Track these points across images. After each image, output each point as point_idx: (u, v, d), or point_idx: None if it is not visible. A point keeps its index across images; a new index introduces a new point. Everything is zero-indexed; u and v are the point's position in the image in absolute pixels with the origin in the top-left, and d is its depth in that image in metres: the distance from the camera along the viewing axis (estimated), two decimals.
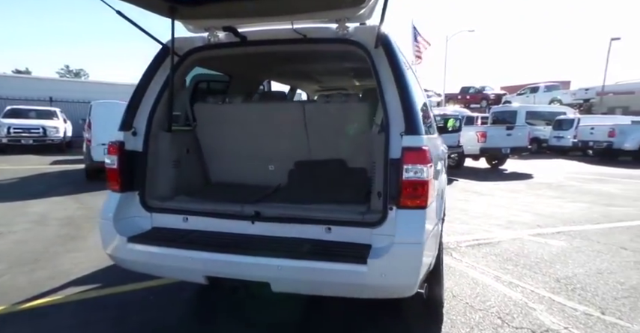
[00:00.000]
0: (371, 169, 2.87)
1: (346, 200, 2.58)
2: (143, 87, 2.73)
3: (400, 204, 2.08)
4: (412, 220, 2.06)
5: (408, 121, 2.13)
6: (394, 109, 2.20)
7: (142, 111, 2.73)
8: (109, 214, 2.60)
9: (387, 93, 2.25)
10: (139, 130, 2.72)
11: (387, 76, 2.27)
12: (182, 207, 2.70)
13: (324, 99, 2.89)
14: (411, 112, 2.14)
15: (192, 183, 3.19)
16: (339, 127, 2.85)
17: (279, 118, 3.01)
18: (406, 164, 2.06)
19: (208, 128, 3.21)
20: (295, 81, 5.35)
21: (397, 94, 2.20)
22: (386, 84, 2.27)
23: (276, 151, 3.14)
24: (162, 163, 2.89)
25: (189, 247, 2.36)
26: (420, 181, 2.05)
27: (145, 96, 2.74)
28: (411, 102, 2.17)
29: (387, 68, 2.27)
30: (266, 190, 3.02)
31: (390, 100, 2.22)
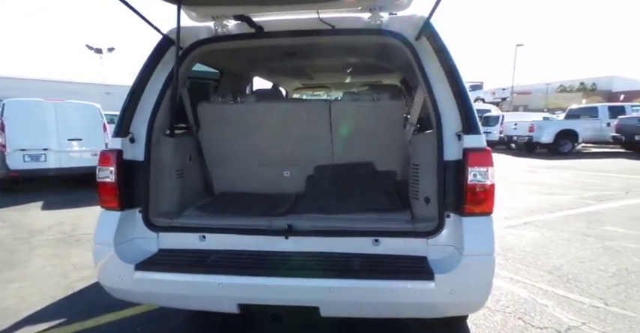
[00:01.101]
0: (402, 172, 2.74)
1: (383, 207, 2.42)
2: (141, 85, 2.31)
3: (465, 211, 1.96)
4: (480, 228, 1.95)
5: (468, 119, 1.99)
6: (447, 106, 2.06)
7: (141, 113, 2.31)
8: (107, 238, 2.17)
9: (437, 89, 2.09)
10: (138, 135, 2.29)
11: (436, 71, 2.11)
12: (197, 224, 2.34)
13: (352, 96, 2.69)
14: (469, 110, 2.01)
15: (198, 195, 2.80)
16: (368, 127, 2.67)
17: (300, 118, 2.74)
18: (471, 167, 1.94)
19: (214, 131, 2.84)
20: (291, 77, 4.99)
21: (450, 91, 2.06)
22: (435, 80, 2.11)
23: (293, 155, 2.87)
24: (166, 173, 2.48)
25: (218, 271, 2.03)
26: (486, 184, 1.95)
27: (144, 96, 2.31)
28: (468, 99, 2.04)
29: (434, 62, 2.12)
30: (285, 199, 2.74)
31: (442, 97, 2.08)
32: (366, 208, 2.39)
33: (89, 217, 6.03)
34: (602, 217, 5.66)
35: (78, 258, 4.25)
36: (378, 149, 2.75)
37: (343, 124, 2.69)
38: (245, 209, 2.54)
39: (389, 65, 3.67)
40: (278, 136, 2.80)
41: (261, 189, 2.95)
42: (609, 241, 4.57)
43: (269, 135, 2.80)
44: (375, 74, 4.69)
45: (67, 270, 3.92)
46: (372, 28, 2.27)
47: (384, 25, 2.26)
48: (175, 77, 2.35)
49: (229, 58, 3.33)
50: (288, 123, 2.75)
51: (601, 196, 7.14)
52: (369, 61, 3.66)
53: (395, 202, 2.48)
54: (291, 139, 2.80)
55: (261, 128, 2.79)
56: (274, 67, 4.04)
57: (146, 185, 2.29)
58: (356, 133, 2.72)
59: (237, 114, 2.76)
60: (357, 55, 3.47)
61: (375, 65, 3.79)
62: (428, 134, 2.36)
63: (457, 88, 2.03)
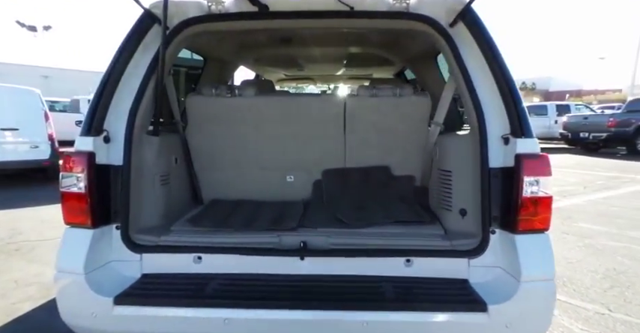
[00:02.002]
0: (422, 177, 2.46)
1: (408, 219, 2.13)
2: (118, 72, 1.85)
3: (518, 227, 1.70)
4: (538, 248, 1.71)
5: (520, 120, 1.72)
6: (490, 104, 1.79)
7: (118, 107, 1.86)
8: (74, 263, 1.72)
9: (479, 84, 1.82)
10: (115, 134, 1.83)
11: (477, 63, 1.83)
12: (190, 241, 1.93)
13: (370, 91, 2.34)
14: (520, 110, 1.73)
15: (185, 204, 2.35)
16: (386, 125, 2.36)
17: (309, 115, 2.37)
18: (527, 176, 1.68)
19: (205, 129, 2.39)
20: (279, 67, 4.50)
21: (495, 87, 1.78)
22: (476, 73, 1.83)
23: (298, 157, 2.49)
24: (149, 179, 2.04)
25: (222, 303, 1.66)
26: (544, 197, 1.71)
27: (122, 85, 1.85)
28: (519, 97, 1.77)
29: (475, 53, 1.83)
30: (291, 209, 2.37)
31: (484, 93, 1.80)
32: (391, 221, 2.09)
33: (30, 220, 5.24)
34: (572, 214, 5.82)
35: (20, 272, 3.59)
36: (396, 151, 2.46)
37: (359, 122, 2.36)
38: (247, 222, 2.14)
39: (396, 55, 3.36)
40: (281, 135, 2.41)
41: (260, 196, 2.56)
42: (588, 239, 4.66)
43: (270, 134, 2.41)
44: (371, 66, 4.38)
45: (7, 288, 3.27)
46: (398, 11, 1.95)
47: (411, 7, 1.95)
48: (161, 63, 1.90)
49: (219, 43, 2.86)
50: (294, 120, 2.37)
51: (564, 192, 7.41)
52: (373, 51, 3.34)
53: (420, 212, 2.21)
54: (297, 138, 2.43)
55: (262, 126, 2.39)
56: (264, 55, 3.59)
57: (126, 195, 1.84)
58: (372, 133, 2.40)
59: (234, 109, 2.33)
60: (366, 42, 3.13)
61: (374, 56, 3.48)
62: (462, 136, 2.10)
63: (505, 84, 1.75)
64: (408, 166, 2.48)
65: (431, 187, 2.38)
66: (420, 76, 3.20)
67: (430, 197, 2.38)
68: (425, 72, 3.07)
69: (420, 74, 3.18)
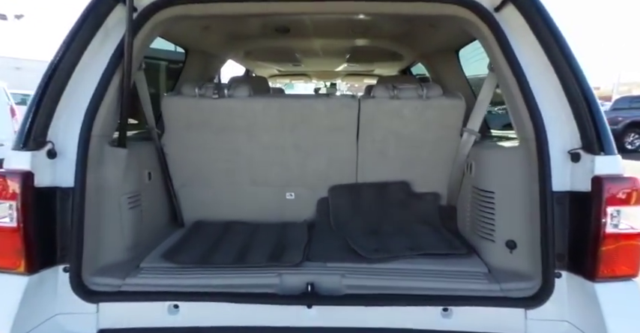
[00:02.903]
0: (449, 195, 2.07)
1: (438, 250, 1.74)
2: (68, 65, 1.41)
3: (597, 272, 1.29)
4: (625, 301, 1.31)
5: (598, 131, 1.31)
6: (553, 109, 1.39)
7: (68, 110, 1.43)
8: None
9: (537, 83, 1.42)
10: (64, 146, 1.41)
11: (533, 54, 1.43)
12: (163, 285, 1.52)
13: (390, 92, 1.90)
14: (598, 117, 1.32)
15: (160, 230, 1.91)
16: (409, 133, 1.95)
17: (315, 121, 1.94)
18: (611, 205, 1.28)
19: (186, 137, 1.95)
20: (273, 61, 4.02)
21: (559, 86, 1.38)
22: (532, 68, 1.43)
23: (300, 170, 2.06)
24: (113, 203, 1.61)
25: None
26: (631, 232, 1.31)
27: (73, 82, 1.41)
28: (595, 101, 1.35)
29: (530, 42, 1.43)
30: (293, 233, 1.95)
31: (545, 94, 1.40)
32: (418, 253, 1.69)
33: None
34: None
35: None
36: (419, 164, 2.04)
37: (376, 128, 1.94)
38: (238, 253, 1.71)
39: (409, 49, 2.92)
40: (279, 144, 1.98)
41: (254, 217, 2.12)
42: None
43: (267, 143, 1.97)
44: (376, 61, 3.94)
45: None
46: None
47: None
48: (128, 54, 1.47)
49: (202, 31, 2.41)
50: (296, 126, 1.94)
51: None
52: (381, 44, 2.91)
53: (453, 242, 1.81)
54: (299, 148, 1.99)
55: (256, 133, 1.95)
56: (256, 47, 3.12)
57: (78, 226, 1.40)
58: (391, 142, 1.98)
59: (222, 113, 1.89)
60: (375, 33, 2.69)
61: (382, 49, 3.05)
62: (510, 149, 1.70)
63: (576, 84, 1.34)
64: (433, 181, 2.07)
65: (461, 208, 1.98)
66: (435, 73, 2.79)
67: (460, 219, 1.99)
68: (443, 68, 2.66)
69: (436, 71, 2.77)
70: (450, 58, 2.61)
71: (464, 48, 2.52)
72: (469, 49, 2.65)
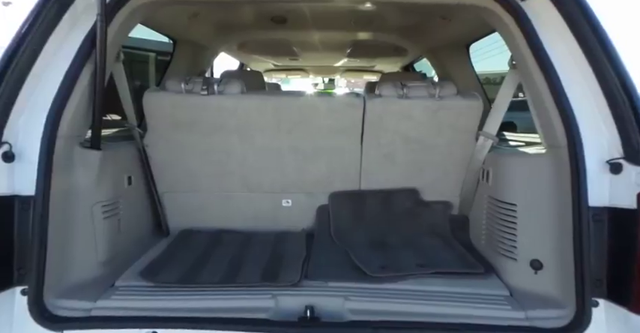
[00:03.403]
0: (461, 204, 1.88)
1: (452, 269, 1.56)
2: (29, 54, 1.22)
3: None
4: None
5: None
6: (589, 112, 1.21)
7: (30, 106, 1.23)
8: None
9: (570, 82, 1.23)
10: (23, 147, 1.22)
11: (564, 48, 1.24)
12: (141, 308, 1.33)
13: (398, 91, 1.70)
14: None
15: (141, 240, 1.73)
16: (419, 136, 1.76)
17: (315, 121, 1.75)
18: None
19: (172, 138, 1.75)
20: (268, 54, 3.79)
21: (597, 85, 1.19)
22: (563, 63, 1.24)
23: (298, 175, 1.87)
24: (83, 212, 1.42)
25: None
26: None
27: (34, 75, 1.22)
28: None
29: (561, 33, 1.25)
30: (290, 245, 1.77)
31: (578, 94, 1.22)
32: (430, 271, 1.51)
33: None
34: None
35: None
36: (429, 170, 1.85)
37: (382, 130, 1.75)
38: (228, 269, 1.53)
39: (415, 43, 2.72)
40: (275, 146, 1.78)
41: (247, 225, 1.94)
42: None
43: (261, 144, 1.78)
44: (378, 56, 3.70)
45: None
46: None
47: None
48: (100, 43, 1.28)
49: (191, 20, 2.20)
50: (294, 127, 1.74)
51: None
52: (385, 37, 2.70)
53: (467, 258, 1.62)
54: (297, 151, 1.80)
55: (250, 134, 1.76)
56: (251, 39, 2.90)
57: (40, 241, 1.20)
58: (399, 145, 1.79)
59: (212, 111, 1.69)
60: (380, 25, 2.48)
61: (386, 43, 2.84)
62: (535, 156, 1.52)
63: (617, 83, 1.15)
64: (443, 189, 1.88)
65: (474, 219, 1.80)
66: (443, 69, 2.59)
67: (473, 231, 1.81)
68: (452, 64, 2.46)
69: (443, 67, 2.57)
70: (460, 54, 2.42)
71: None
72: None
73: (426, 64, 3.89)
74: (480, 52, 2.57)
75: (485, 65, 5.24)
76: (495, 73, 4.78)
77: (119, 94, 1.71)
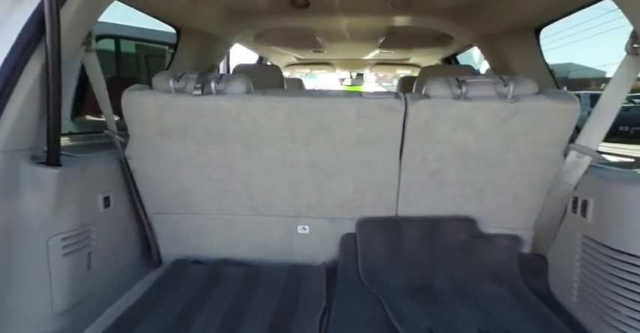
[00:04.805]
0: (539, 241, 1.42)
1: None
2: None
3: None
4: None
5: None
6: None
7: None
8: None
9: None
10: None
11: None
12: None
13: (453, 89, 1.25)
14: None
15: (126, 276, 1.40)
16: (478, 149, 1.31)
17: (341, 129, 1.32)
18: None
19: (159, 147, 1.39)
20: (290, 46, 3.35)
21: None
22: None
23: (318, 196, 1.46)
24: (32, 249, 1.08)
25: None
26: None
27: None
28: None
29: None
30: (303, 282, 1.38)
31: None
32: None
33: None
34: None
35: None
36: (492, 194, 1.39)
37: (428, 140, 1.31)
38: (222, 327, 1.15)
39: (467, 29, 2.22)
40: (289, 160, 1.38)
41: (254, 255, 1.56)
42: None
43: (271, 157, 1.38)
44: (416, 46, 3.18)
45: None
46: None
47: None
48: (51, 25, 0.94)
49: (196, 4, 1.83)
50: (313, 136, 1.33)
51: None
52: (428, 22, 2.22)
53: (550, 319, 1.18)
54: (316, 167, 1.39)
55: (256, 144, 1.36)
56: (269, 28, 2.47)
57: None
58: (451, 160, 1.34)
59: (208, 115, 1.30)
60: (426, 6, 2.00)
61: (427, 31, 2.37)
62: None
63: None
64: (511, 219, 1.41)
65: (556, 262, 1.34)
66: (501, 61, 2.08)
67: (555, 279, 1.34)
68: (515, 55, 1.95)
69: (503, 58, 2.05)
70: (527, 41, 1.92)
71: None
72: None
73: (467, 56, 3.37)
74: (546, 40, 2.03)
75: None
76: None
77: (95, 94, 1.36)
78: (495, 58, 2.17)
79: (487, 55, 2.28)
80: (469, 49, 3.08)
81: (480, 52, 2.42)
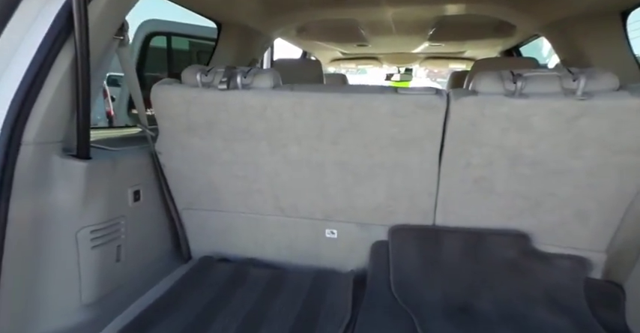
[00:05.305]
0: (611, 266, 1.22)
1: None
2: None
3: None
4: None
5: None
6: None
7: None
8: None
9: None
10: None
11: None
12: None
13: (505, 83, 1.07)
14: None
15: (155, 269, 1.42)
16: (537, 155, 1.13)
17: (373, 127, 1.21)
18: None
19: (188, 143, 1.38)
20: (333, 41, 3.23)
21: None
22: None
23: (347, 199, 1.37)
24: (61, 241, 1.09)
25: None
26: None
27: None
28: None
29: None
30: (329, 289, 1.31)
31: None
32: None
33: None
34: None
35: None
36: (552, 207, 1.20)
37: (475, 144, 1.16)
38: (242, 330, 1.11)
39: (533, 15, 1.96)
40: (316, 160, 1.30)
41: (279, 257, 1.51)
42: None
43: (297, 157, 1.31)
44: (471, 38, 2.93)
45: None
46: None
47: None
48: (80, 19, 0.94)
49: None
50: (342, 135, 1.23)
51: None
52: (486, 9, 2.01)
53: None
54: (345, 168, 1.29)
55: (282, 142, 1.30)
56: (310, 21, 2.39)
57: None
58: (502, 167, 1.18)
59: (233, 111, 1.25)
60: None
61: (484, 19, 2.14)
62: None
63: None
64: (575, 237, 1.20)
65: (634, 291, 1.13)
66: (577, 52, 1.78)
67: (632, 312, 1.13)
68: (594, 44, 1.66)
69: (579, 48, 1.75)
70: (609, 25, 1.64)
71: None
72: None
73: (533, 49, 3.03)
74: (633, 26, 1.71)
75: None
76: None
77: (128, 87, 1.38)
78: (567, 49, 1.87)
79: (556, 46, 1.99)
80: (535, 39, 2.76)
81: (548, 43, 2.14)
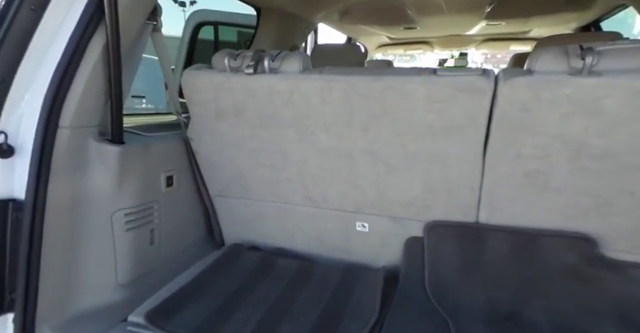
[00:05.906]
0: None
1: None
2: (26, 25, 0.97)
3: None
4: None
5: None
6: None
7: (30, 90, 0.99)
8: None
9: None
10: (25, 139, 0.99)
11: None
12: None
13: (568, 60, 0.91)
14: None
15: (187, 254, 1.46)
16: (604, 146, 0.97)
17: (407, 114, 1.10)
18: None
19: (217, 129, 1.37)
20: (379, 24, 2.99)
21: None
22: None
23: (379, 192, 1.29)
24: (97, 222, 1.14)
25: None
26: None
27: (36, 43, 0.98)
28: None
29: None
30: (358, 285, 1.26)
31: None
32: None
33: None
34: None
35: None
36: (625, 207, 1.01)
37: (528, 133, 1.01)
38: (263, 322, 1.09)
39: None
40: (346, 149, 1.22)
41: (308, 249, 1.47)
42: None
43: (326, 145, 1.24)
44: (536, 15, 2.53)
45: None
46: None
47: None
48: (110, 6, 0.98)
49: None
50: (373, 122, 1.14)
51: None
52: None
53: None
54: (377, 157, 1.20)
55: (310, 129, 1.23)
56: (353, 4, 2.25)
57: (27, 258, 0.97)
58: (561, 160, 1.02)
59: (259, 96, 1.21)
60: None
61: None
62: None
63: None
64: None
65: None
66: None
67: None
68: None
69: None
70: None
71: None
72: None
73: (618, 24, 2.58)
74: None
75: None
76: None
77: (162, 73, 1.38)
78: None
79: None
80: (620, 11, 2.34)
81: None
